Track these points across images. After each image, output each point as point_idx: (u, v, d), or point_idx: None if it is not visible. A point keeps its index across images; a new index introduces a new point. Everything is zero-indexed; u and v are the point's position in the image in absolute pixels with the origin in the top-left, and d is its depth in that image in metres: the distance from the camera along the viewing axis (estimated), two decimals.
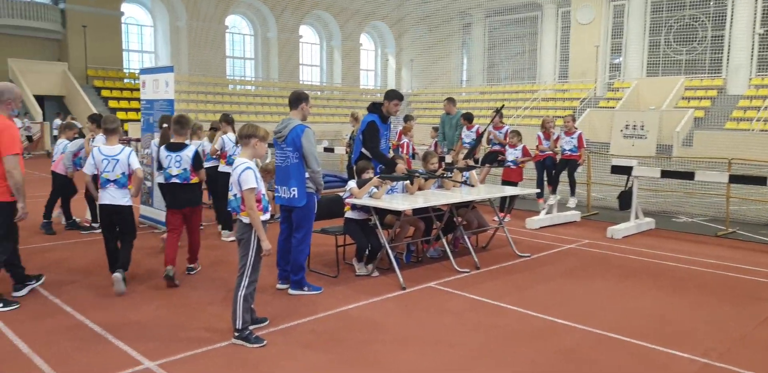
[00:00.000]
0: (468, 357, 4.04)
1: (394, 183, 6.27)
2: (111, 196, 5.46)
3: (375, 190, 5.90)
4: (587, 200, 10.36)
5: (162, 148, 5.85)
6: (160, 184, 6.07)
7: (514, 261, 6.74)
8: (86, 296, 5.20)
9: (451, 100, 10.63)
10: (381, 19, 40.22)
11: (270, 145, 5.50)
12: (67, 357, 3.92)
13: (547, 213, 9.08)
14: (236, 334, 4.19)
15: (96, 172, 5.51)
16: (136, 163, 5.54)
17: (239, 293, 4.19)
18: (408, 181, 6.41)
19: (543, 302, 5.26)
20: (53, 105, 26.76)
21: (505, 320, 4.77)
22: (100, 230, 6.29)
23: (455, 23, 37.38)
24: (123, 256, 5.48)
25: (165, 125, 6.76)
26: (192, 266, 6.07)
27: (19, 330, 4.37)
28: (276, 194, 5.38)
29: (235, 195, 4.21)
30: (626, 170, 8.69)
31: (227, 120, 8.18)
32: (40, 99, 25.60)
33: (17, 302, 4.95)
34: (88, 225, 8.10)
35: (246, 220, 4.19)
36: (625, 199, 8.91)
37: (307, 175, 5.20)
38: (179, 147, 5.75)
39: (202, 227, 7.69)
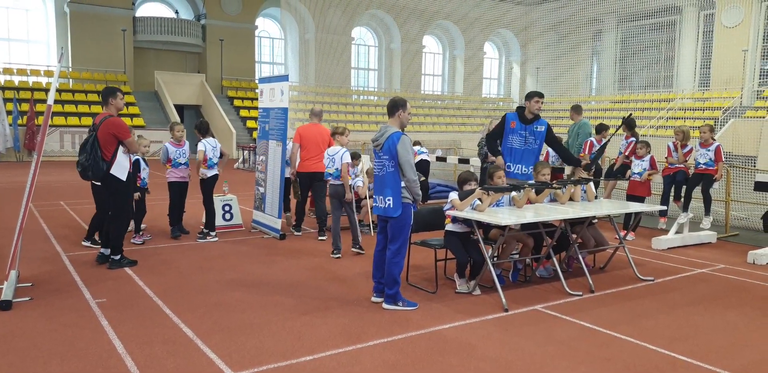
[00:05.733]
0: None
1: (500, 196, 5.88)
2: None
3: (478, 202, 5.55)
4: (725, 219, 9.27)
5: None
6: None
7: (634, 285, 6.08)
8: (188, 300, 5.30)
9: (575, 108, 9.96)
10: (505, 26, 39.42)
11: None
12: (156, 361, 3.94)
13: (677, 232, 8.20)
14: (356, 245, 7.11)
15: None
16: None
17: (356, 218, 7.26)
18: (515, 194, 5.98)
19: (664, 333, 4.64)
20: (191, 114, 28.73)
21: (617, 353, 4.24)
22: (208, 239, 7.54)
23: (585, 30, 35.70)
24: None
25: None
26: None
27: (121, 330, 4.49)
28: (374, 204, 5.20)
29: (336, 168, 7.09)
30: None
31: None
32: (180, 108, 27.53)
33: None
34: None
35: (341, 182, 7.03)
36: None
37: (402, 184, 4.98)
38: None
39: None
